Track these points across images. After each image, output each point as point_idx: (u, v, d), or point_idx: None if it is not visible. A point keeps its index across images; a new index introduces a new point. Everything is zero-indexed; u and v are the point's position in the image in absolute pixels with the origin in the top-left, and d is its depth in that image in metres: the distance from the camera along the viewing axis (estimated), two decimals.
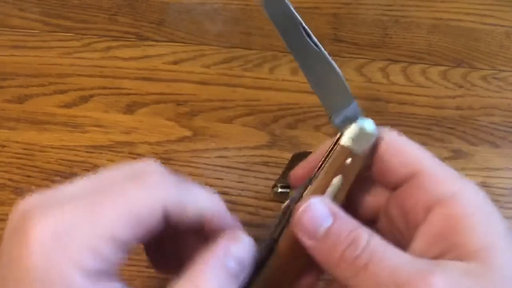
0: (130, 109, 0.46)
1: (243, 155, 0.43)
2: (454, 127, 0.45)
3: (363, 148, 0.27)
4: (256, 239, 0.40)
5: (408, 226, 0.25)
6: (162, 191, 0.24)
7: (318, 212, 0.24)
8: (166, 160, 0.43)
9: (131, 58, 0.48)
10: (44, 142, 0.44)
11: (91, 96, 0.46)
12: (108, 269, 0.23)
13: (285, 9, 0.26)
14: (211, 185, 0.42)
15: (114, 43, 0.49)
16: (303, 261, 0.26)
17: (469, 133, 0.44)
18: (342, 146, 0.26)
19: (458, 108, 0.46)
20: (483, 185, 0.42)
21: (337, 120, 0.27)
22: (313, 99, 0.46)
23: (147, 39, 0.49)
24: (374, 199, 0.28)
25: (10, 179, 0.42)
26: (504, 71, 0.47)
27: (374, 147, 0.27)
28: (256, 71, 0.48)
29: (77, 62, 0.48)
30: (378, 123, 0.45)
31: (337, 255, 0.23)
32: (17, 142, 0.44)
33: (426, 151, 0.26)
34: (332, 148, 0.27)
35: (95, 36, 0.49)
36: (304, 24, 0.27)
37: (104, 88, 0.46)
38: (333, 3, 0.51)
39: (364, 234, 0.23)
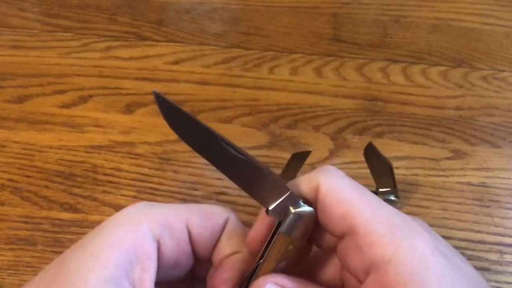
0: (129, 109, 0.45)
1: None
2: (454, 127, 0.45)
3: (302, 231, 0.27)
4: None
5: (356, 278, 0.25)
6: (227, 210, 0.29)
7: None
8: (166, 160, 0.43)
9: (130, 58, 0.48)
10: (43, 142, 0.44)
11: (91, 96, 0.46)
12: (172, 253, 0.27)
13: (197, 129, 0.27)
14: (210, 186, 0.42)
15: (113, 43, 0.49)
16: None
17: (469, 133, 0.44)
18: (282, 236, 0.27)
19: (458, 108, 0.46)
20: (483, 185, 0.42)
21: (273, 209, 0.26)
22: (313, 99, 0.46)
23: (147, 39, 0.49)
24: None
25: (9, 179, 0.42)
26: (504, 71, 0.47)
27: (313, 219, 0.27)
28: (256, 71, 0.47)
29: (76, 62, 0.48)
30: (378, 123, 0.45)
31: None
32: (16, 142, 0.44)
33: (364, 196, 0.25)
34: (273, 234, 0.27)
35: (95, 36, 0.49)
36: (223, 137, 0.26)
37: (104, 88, 0.46)
38: (333, 2, 0.51)
39: None
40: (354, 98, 0.46)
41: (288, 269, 0.27)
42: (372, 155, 0.37)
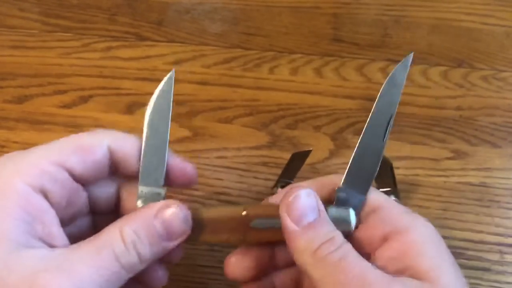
0: (129, 109, 0.46)
1: (243, 155, 0.43)
2: (454, 128, 0.45)
3: (337, 224, 0.28)
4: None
5: (364, 253, 0.28)
6: (108, 132, 0.29)
7: (310, 203, 0.27)
8: None
9: (130, 58, 0.48)
10: (43, 142, 0.43)
11: (91, 96, 0.46)
12: (57, 193, 0.26)
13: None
14: (211, 186, 0.42)
15: (113, 43, 0.49)
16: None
17: (470, 134, 0.44)
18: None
19: (458, 108, 0.46)
20: (483, 185, 0.42)
21: (340, 193, 0.29)
22: (313, 99, 0.46)
23: (147, 39, 0.49)
24: None
25: None
26: (504, 71, 0.47)
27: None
28: (256, 71, 0.48)
29: (76, 62, 0.48)
30: None
31: (313, 247, 0.26)
32: (16, 142, 0.44)
33: (382, 194, 0.30)
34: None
35: (95, 36, 0.49)
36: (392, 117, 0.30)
37: (104, 88, 0.46)
38: (333, 3, 0.51)
39: (340, 237, 0.27)
40: (354, 98, 0.46)
41: None
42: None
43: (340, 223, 0.28)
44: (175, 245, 0.27)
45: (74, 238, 0.27)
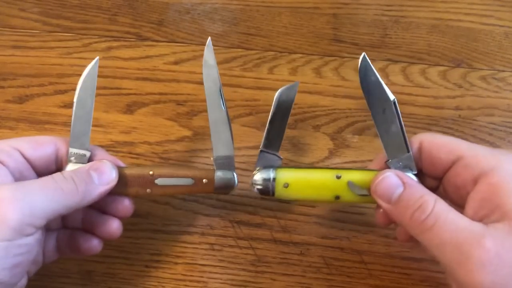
0: (130, 109, 0.46)
1: (243, 155, 0.43)
2: (453, 127, 0.45)
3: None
4: (257, 239, 0.41)
5: (461, 197, 0.32)
6: (55, 142, 0.36)
7: (392, 181, 0.32)
8: (166, 159, 0.43)
9: (131, 58, 0.48)
10: None
11: None
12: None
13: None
14: None
15: (114, 43, 0.49)
16: None
17: (468, 133, 0.45)
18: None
19: (457, 108, 0.46)
20: None
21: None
22: (313, 99, 0.47)
23: (147, 39, 0.49)
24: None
25: None
26: (503, 71, 0.47)
27: None
28: (256, 71, 0.48)
29: (77, 62, 0.48)
30: None
31: (407, 217, 0.30)
32: None
33: (461, 140, 0.33)
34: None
35: (95, 36, 0.49)
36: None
37: (104, 88, 0.47)
38: (333, 3, 0.51)
39: (431, 201, 0.30)
40: (353, 98, 0.46)
41: None
42: (369, 82, 0.35)
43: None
44: (106, 188, 0.34)
45: None
